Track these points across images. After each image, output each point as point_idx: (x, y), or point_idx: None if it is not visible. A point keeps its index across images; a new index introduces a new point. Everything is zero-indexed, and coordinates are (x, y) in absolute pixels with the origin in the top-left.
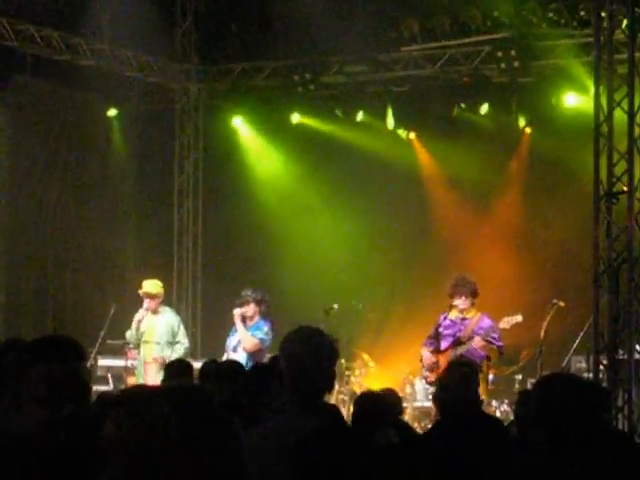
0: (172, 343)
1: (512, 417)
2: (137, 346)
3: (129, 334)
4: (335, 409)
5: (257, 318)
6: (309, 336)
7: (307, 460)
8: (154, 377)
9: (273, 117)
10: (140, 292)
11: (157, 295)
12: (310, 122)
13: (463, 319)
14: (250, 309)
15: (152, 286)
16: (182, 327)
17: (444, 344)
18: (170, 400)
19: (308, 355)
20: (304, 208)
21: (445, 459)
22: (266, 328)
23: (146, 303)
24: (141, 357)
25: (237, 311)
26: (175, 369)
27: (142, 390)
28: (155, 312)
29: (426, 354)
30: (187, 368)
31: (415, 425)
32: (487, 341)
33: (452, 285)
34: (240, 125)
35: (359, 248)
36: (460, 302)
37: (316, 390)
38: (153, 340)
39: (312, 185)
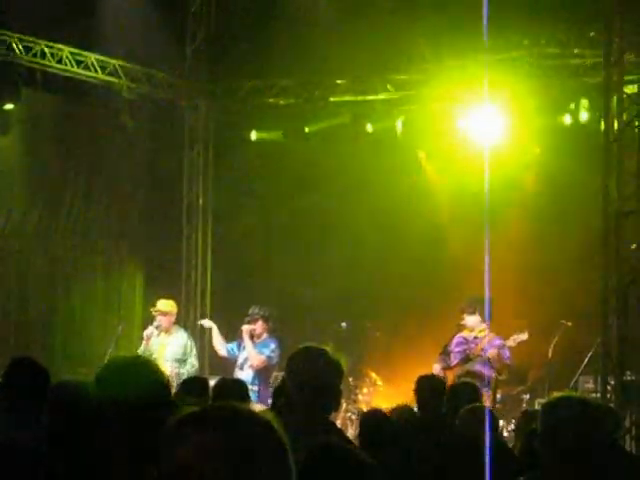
0: (183, 362)
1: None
2: None
3: (140, 351)
4: (337, 428)
5: (265, 335)
6: (314, 355)
7: (312, 476)
8: None
9: (282, 134)
10: (153, 310)
11: (169, 313)
12: (319, 139)
13: (475, 337)
14: (258, 326)
15: (165, 305)
16: (194, 349)
17: (454, 361)
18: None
19: (313, 374)
20: (314, 225)
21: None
22: (273, 345)
23: (158, 321)
24: None
25: (245, 327)
26: (192, 386)
27: (231, 410)
28: (168, 331)
29: (437, 368)
30: (204, 385)
31: None
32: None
33: (461, 304)
34: (250, 142)
35: (368, 266)
36: (468, 320)
37: (322, 409)
38: (164, 357)
39: (322, 201)
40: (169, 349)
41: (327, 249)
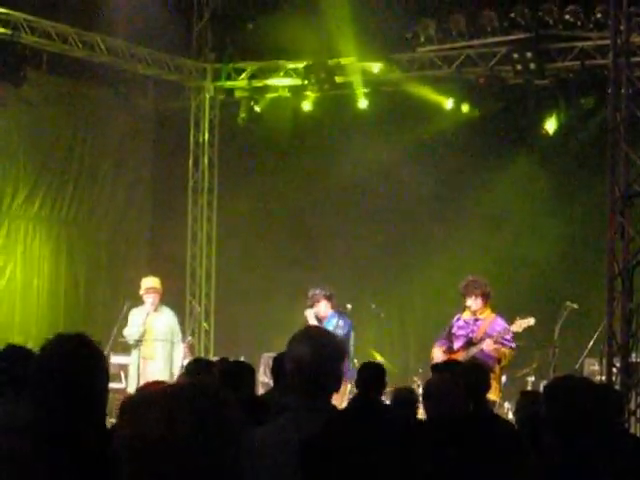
0: (170, 342)
1: None
2: (136, 344)
3: (131, 331)
4: (337, 410)
5: (329, 314)
6: (315, 336)
7: (315, 458)
8: (154, 374)
9: (288, 115)
10: (144, 289)
11: (160, 290)
12: (324, 120)
13: (476, 320)
14: (322, 306)
15: (156, 282)
16: (178, 327)
17: (457, 344)
18: (178, 399)
19: (314, 356)
20: (319, 204)
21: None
22: (334, 320)
23: (151, 299)
24: (139, 354)
25: (309, 312)
26: (195, 368)
27: (151, 389)
28: (155, 309)
29: (437, 353)
30: (208, 366)
31: None
32: (500, 343)
33: (463, 286)
34: (255, 123)
35: (374, 248)
36: (472, 302)
37: (322, 391)
38: (156, 338)
39: (326, 182)
40: (157, 328)
41: (331, 230)
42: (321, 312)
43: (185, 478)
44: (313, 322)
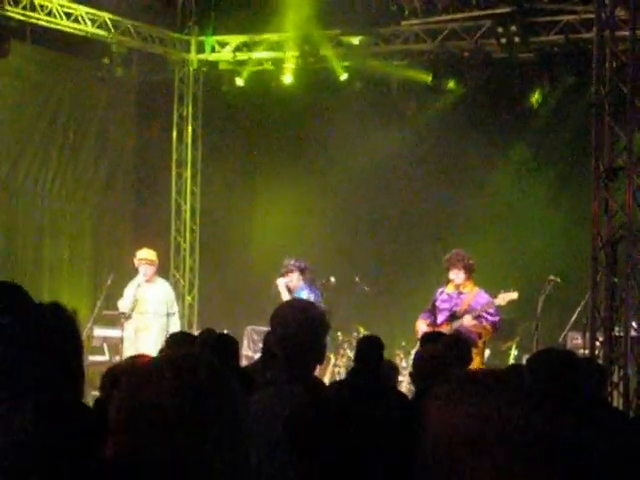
0: (167, 314)
1: None
2: (128, 315)
3: (124, 303)
4: (320, 382)
5: (300, 285)
6: (299, 309)
7: (301, 429)
8: (147, 346)
9: (271, 89)
10: (137, 260)
11: (155, 262)
12: (306, 93)
13: (460, 293)
14: (294, 278)
15: (151, 253)
16: (174, 298)
17: (440, 318)
18: (170, 370)
19: (298, 328)
20: (303, 176)
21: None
22: (304, 292)
23: (144, 269)
24: (134, 326)
25: (281, 281)
26: (179, 340)
27: (142, 361)
28: (149, 281)
29: (422, 327)
30: (190, 339)
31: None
32: (483, 318)
33: (447, 259)
34: (239, 97)
35: (358, 221)
36: (454, 275)
37: (307, 362)
38: (149, 310)
39: (309, 153)
40: (149, 300)
41: (315, 203)
42: (292, 282)
43: (188, 449)
44: (284, 291)
